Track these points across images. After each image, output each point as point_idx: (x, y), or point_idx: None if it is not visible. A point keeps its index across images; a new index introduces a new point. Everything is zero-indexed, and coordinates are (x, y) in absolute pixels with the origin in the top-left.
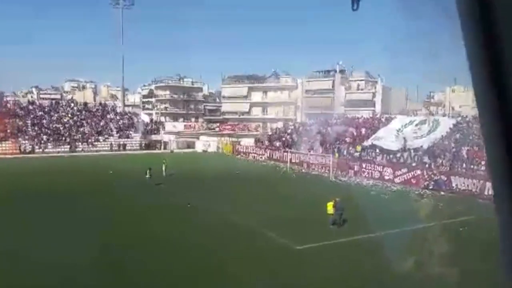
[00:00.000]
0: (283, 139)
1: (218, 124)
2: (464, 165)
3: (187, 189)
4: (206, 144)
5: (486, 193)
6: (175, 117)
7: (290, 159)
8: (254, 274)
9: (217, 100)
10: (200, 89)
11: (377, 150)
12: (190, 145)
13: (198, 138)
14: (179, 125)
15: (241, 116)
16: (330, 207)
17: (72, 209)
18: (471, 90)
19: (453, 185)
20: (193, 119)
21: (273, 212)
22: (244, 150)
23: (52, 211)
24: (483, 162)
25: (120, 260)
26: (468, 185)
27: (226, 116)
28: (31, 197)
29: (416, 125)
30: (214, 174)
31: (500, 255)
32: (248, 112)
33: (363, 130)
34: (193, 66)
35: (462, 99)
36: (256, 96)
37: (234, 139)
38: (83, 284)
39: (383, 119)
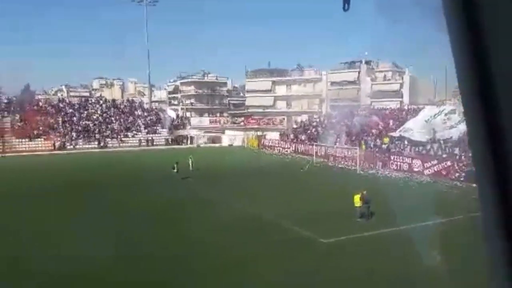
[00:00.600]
0: (308, 132)
1: (243, 118)
2: None
3: (213, 183)
4: (232, 138)
5: None
6: (200, 112)
7: (316, 152)
8: (277, 267)
9: (241, 94)
10: (224, 84)
11: (406, 142)
12: (216, 140)
13: (223, 133)
14: (205, 120)
15: (266, 110)
16: (357, 200)
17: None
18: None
19: None
20: (218, 114)
21: (298, 206)
22: (270, 144)
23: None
24: None
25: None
26: None
27: (251, 110)
28: (80, 188)
29: (446, 115)
30: (240, 168)
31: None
32: (273, 106)
33: (390, 122)
34: (217, 61)
35: None
36: (280, 90)
37: (259, 133)
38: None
39: (411, 110)
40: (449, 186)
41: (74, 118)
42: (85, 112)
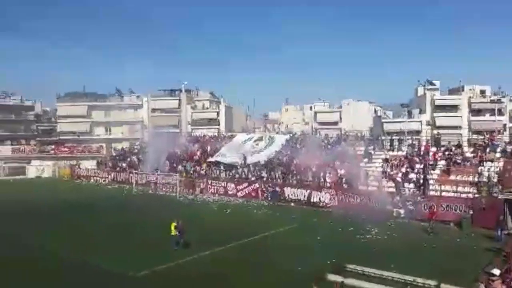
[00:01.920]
0: (129, 159)
1: (53, 146)
2: (294, 177)
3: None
4: (40, 168)
5: (311, 200)
6: (1, 140)
7: (136, 181)
8: None
9: (53, 119)
10: (32, 108)
11: (221, 167)
12: (20, 172)
13: (29, 163)
14: (6, 149)
15: (81, 137)
16: (173, 227)
17: None
18: (300, 110)
19: (286, 195)
20: (23, 142)
21: (110, 240)
22: (85, 174)
23: None
24: (309, 174)
25: None
26: (297, 195)
27: (64, 137)
28: None
29: (255, 141)
30: (43, 202)
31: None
32: (89, 132)
33: (208, 148)
34: (23, 81)
35: (293, 118)
36: (98, 115)
37: (73, 162)
38: None
39: (226, 137)
40: (257, 206)
41: None
42: None
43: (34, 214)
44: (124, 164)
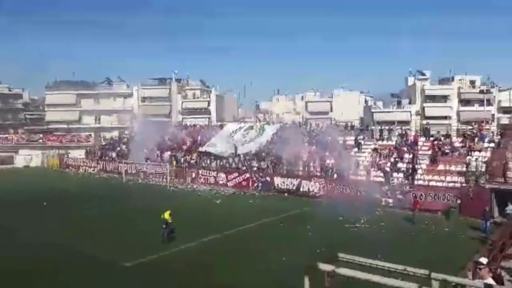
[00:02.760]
0: (118, 149)
1: (41, 135)
2: (284, 166)
3: None
4: (28, 158)
5: (301, 189)
6: None
7: (126, 170)
8: None
9: (41, 108)
10: (20, 96)
11: (212, 157)
12: (8, 161)
13: (17, 152)
14: None
15: (70, 126)
16: (167, 216)
17: None
18: (291, 99)
19: (276, 184)
20: (11, 130)
21: (99, 229)
22: (74, 163)
23: None
24: (300, 163)
25: None
26: (287, 184)
27: (52, 126)
28: None
29: (245, 130)
30: (31, 192)
31: None
32: (78, 121)
33: (198, 138)
34: (10, 70)
35: (284, 107)
36: (87, 104)
37: (61, 152)
38: None
39: (216, 127)
40: (248, 196)
41: None
42: None
43: (23, 204)
44: (113, 154)
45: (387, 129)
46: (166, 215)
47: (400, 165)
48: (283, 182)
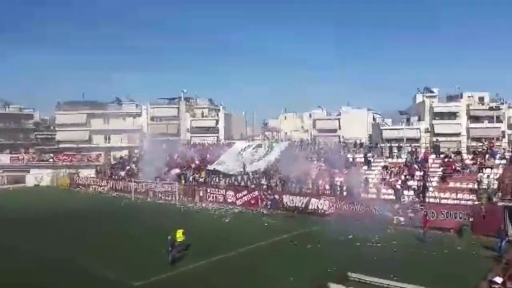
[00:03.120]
0: (128, 168)
1: (52, 154)
2: (293, 184)
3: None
4: (39, 177)
5: (310, 208)
6: (0, 149)
7: (135, 189)
8: None
9: (51, 128)
10: (31, 116)
11: (220, 175)
12: (19, 180)
13: (28, 172)
14: (5, 158)
15: (80, 145)
16: (179, 235)
17: None
18: (299, 117)
19: (284, 202)
20: (22, 150)
21: (109, 248)
22: (84, 182)
23: None
24: (309, 181)
25: None
26: (296, 202)
27: (62, 146)
28: None
29: (253, 149)
30: (42, 211)
31: None
32: (88, 141)
33: (207, 156)
34: (21, 90)
35: (292, 125)
36: (97, 123)
37: (72, 171)
38: None
39: (225, 145)
40: (257, 214)
41: None
42: None
43: (34, 223)
44: (122, 173)
45: (397, 146)
46: (179, 234)
47: (410, 182)
48: (292, 200)
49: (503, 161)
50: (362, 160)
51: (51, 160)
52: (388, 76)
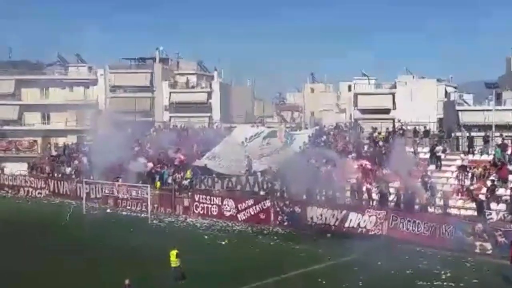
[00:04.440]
0: (76, 162)
1: None
2: (323, 190)
3: None
4: None
5: (347, 225)
6: None
7: (88, 194)
8: None
9: None
10: None
11: (213, 175)
12: None
13: None
14: None
15: (5, 128)
16: (173, 258)
17: None
18: (333, 91)
19: (309, 217)
20: None
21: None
22: (11, 183)
23: None
24: (346, 187)
25: None
26: (326, 218)
27: None
28: None
29: (264, 138)
30: None
31: None
32: (18, 121)
33: (194, 146)
34: None
35: (322, 102)
36: (31, 95)
37: None
38: None
39: (221, 130)
40: (269, 235)
41: None
42: None
43: None
44: (69, 169)
45: (482, 136)
46: (172, 256)
47: (501, 191)
48: (321, 215)
49: None
50: (428, 156)
51: None
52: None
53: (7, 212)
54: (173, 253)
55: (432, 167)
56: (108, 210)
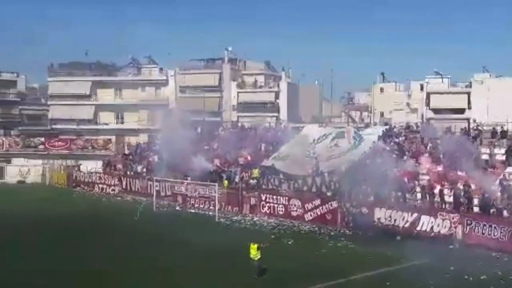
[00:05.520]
0: (147, 160)
1: (43, 139)
2: (392, 192)
3: None
4: (23, 170)
5: (418, 229)
6: None
7: (158, 191)
8: None
9: (42, 100)
10: (13, 84)
11: (280, 175)
12: None
13: (9, 162)
14: None
15: (82, 127)
16: (254, 252)
17: None
18: (404, 90)
19: (375, 218)
20: (1, 131)
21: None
22: (86, 180)
23: None
24: (417, 188)
25: None
26: (395, 220)
27: (57, 126)
28: None
29: (333, 139)
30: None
31: None
32: (93, 120)
33: (262, 146)
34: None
35: (392, 101)
36: (106, 95)
37: (70, 163)
38: None
39: (288, 130)
40: (334, 236)
41: None
42: None
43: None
44: (140, 167)
45: None
46: (253, 250)
47: None
48: (389, 217)
49: None
50: (505, 157)
51: (41, 146)
52: None
53: (86, 209)
54: (254, 246)
55: (509, 169)
56: (177, 208)
